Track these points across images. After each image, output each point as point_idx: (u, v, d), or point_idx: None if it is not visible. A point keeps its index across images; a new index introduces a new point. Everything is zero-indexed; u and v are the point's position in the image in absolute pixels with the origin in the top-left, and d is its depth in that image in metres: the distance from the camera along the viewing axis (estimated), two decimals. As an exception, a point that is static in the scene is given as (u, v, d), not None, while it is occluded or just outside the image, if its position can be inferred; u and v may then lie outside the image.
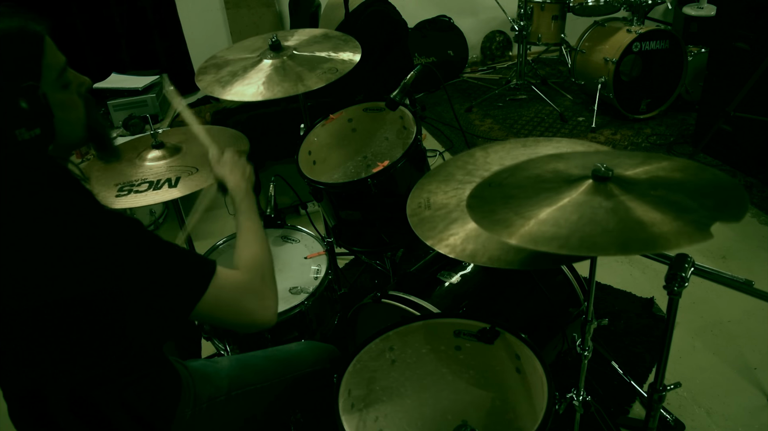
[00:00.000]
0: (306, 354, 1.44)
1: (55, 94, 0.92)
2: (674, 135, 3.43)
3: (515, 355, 1.29)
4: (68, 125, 0.95)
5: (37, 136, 0.89)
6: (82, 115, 0.98)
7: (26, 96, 0.86)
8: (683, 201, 0.97)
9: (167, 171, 1.67)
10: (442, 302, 1.55)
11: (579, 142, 1.48)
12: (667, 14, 4.30)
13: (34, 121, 0.88)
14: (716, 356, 2.00)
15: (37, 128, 0.88)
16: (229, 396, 1.27)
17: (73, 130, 0.97)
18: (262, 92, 1.69)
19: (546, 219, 0.99)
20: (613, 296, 2.29)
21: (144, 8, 4.15)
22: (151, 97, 3.85)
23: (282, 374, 1.37)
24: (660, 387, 1.27)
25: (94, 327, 0.93)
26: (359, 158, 1.95)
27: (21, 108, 0.86)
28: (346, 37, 1.90)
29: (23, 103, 0.86)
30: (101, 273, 0.90)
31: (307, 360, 1.42)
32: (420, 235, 1.26)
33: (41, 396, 1.01)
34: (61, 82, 0.93)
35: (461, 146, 3.52)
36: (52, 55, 0.91)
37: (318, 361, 1.42)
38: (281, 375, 1.37)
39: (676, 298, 1.13)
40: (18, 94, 0.86)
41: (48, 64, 0.90)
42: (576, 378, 1.46)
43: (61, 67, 0.93)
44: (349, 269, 2.58)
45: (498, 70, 4.66)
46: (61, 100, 0.93)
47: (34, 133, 0.88)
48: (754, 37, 2.71)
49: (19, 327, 0.94)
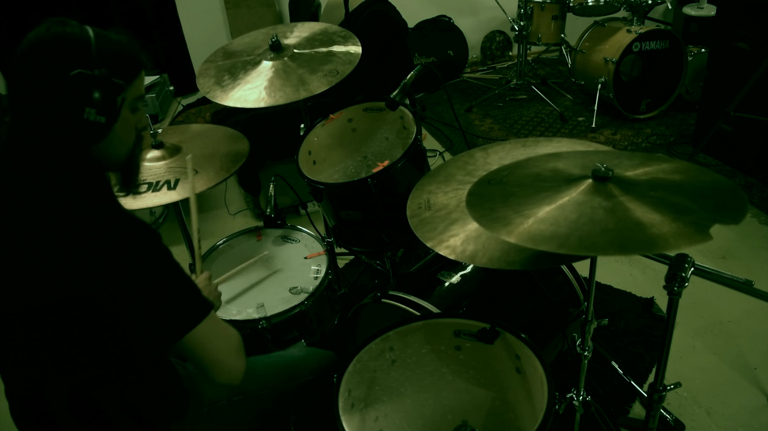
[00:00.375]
0: (307, 362, 1.46)
1: (125, 110, 1.02)
2: (674, 135, 3.43)
3: (515, 355, 1.29)
4: (118, 142, 1.04)
5: (99, 123, 0.97)
6: (131, 143, 1.08)
7: (111, 89, 0.97)
8: (683, 202, 0.97)
9: (166, 172, 1.67)
10: (442, 302, 1.55)
11: (579, 141, 1.48)
12: (667, 14, 4.30)
13: (103, 111, 0.97)
14: (716, 356, 2.00)
15: (103, 117, 0.97)
16: (230, 401, 1.28)
17: (118, 148, 1.05)
18: (264, 98, 1.69)
19: (545, 218, 0.99)
20: (613, 296, 2.29)
21: (144, 8, 4.15)
22: (151, 97, 3.85)
23: (284, 381, 1.38)
24: (660, 387, 1.27)
25: (94, 327, 0.94)
26: (359, 158, 1.95)
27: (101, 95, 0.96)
28: (345, 33, 1.90)
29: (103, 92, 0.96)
30: (104, 274, 0.91)
31: (309, 368, 1.43)
32: (420, 237, 1.26)
33: (41, 395, 1.01)
34: (133, 105, 1.05)
35: (461, 146, 3.52)
36: (140, 83, 1.05)
37: (319, 368, 1.43)
38: (283, 382, 1.38)
39: (676, 298, 1.13)
40: (110, 84, 0.97)
41: (136, 85, 1.03)
42: (576, 378, 1.46)
43: (141, 95, 1.06)
44: (349, 269, 2.58)
45: (498, 70, 4.66)
46: (126, 117, 1.03)
47: (100, 119, 0.97)
48: (754, 37, 2.71)
49: (20, 327, 0.95)
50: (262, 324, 1.64)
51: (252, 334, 1.66)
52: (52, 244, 0.92)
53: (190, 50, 4.33)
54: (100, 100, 0.96)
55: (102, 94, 0.96)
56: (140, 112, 1.08)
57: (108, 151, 1.03)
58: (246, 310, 1.69)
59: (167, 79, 4.20)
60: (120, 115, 1.00)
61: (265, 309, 1.68)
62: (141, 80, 1.05)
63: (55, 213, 0.94)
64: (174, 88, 4.19)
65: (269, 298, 1.73)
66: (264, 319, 1.65)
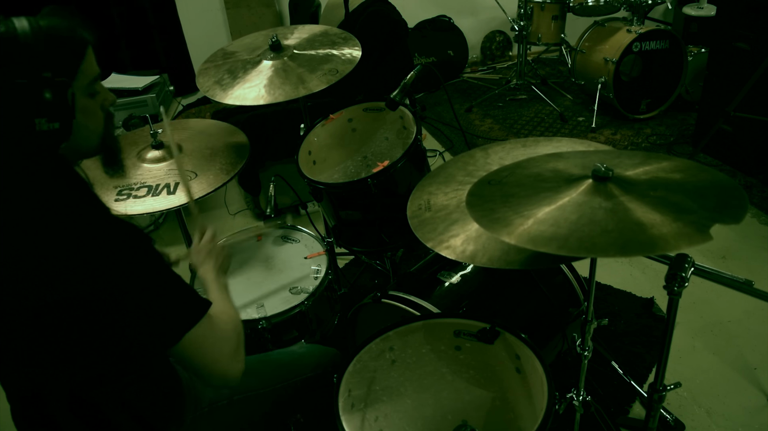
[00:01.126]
0: (307, 358, 1.45)
1: (82, 99, 0.96)
2: (674, 135, 3.43)
3: (515, 355, 1.29)
4: (86, 131, 0.99)
5: (55, 130, 0.92)
6: (101, 127, 1.02)
7: (56, 90, 0.90)
8: (683, 202, 0.97)
9: (166, 175, 1.66)
10: (442, 302, 1.55)
11: (579, 141, 1.48)
12: (667, 14, 4.30)
13: (55, 115, 0.91)
14: (716, 356, 2.00)
15: (56, 122, 0.92)
16: (231, 401, 1.28)
17: (88, 138, 1.00)
18: (264, 96, 1.69)
19: (545, 218, 0.99)
20: (613, 296, 2.29)
21: (144, 8, 4.15)
22: (151, 97, 3.84)
23: (284, 379, 1.38)
24: (660, 387, 1.27)
25: (93, 327, 0.94)
26: (359, 158, 1.95)
27: (46, 99, 0.89)
28: (345, 34, 1.90)
29: (49, 95, 0.89)
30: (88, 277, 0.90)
31: (309, 365, 1.43)
32: (420, 237, 1.26)
33: (41, 396, 1.01)
34: (89, 90, 0.98)
35: (461, 146, 3.52)
36: (90, 63, 0.97)
37: (319, 365, 1.43)
38: (283, 379, 1.37)
39: (676, 298, 1.13)
40: (49, 86, 0.90)
41: (84, 69, 0.95)
42: (576, 378, 1.46)
43: (94, 76, 0.98)
44: (349, 269, 2.58)
45: (498, 70, 4.66)
46: (85, 106, 0.97)
47: (53, 126, 0.91)
48: (754, 37, 2.71)
49: (19, 327, 0.94)
50: (262, 324, 1.64)
51: (252, 334, 1.66)
52: (37, 248, 0.89)
53: (190, 50, 4.33)
54: (48, 106, 0.89)
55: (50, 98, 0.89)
56: (100, 93, 1.00)
57: (78, 144, 0.98)
58: (246, 310, 1.69)
59: (167, 79, 4.19)
60: (76, 108, 0.94)
61: (265, 309, 1.68)
62: (89, 60, 0.96)
63: (35, 218, 0.91)
64: (174, 88, 4.19)
65: (269, 298, 1.73)
66: (264, 319, 1.65)
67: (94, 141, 1.02)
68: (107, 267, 0.91)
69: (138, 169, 1.68)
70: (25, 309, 0.92)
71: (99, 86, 1.00)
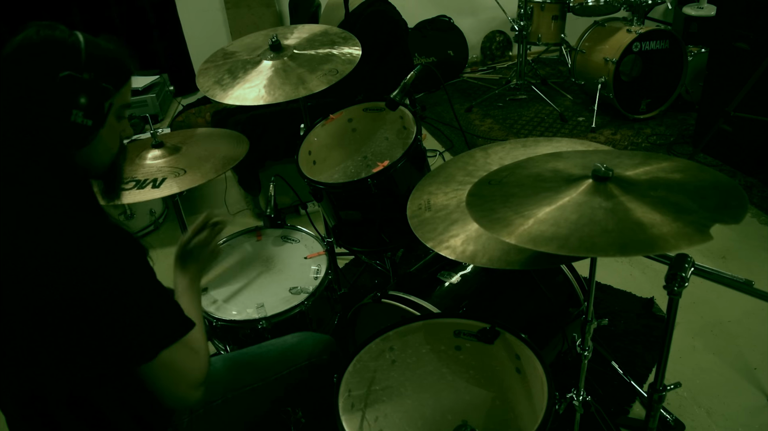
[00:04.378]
0: (302, 347, 1.43)
1: (112, 117, 1.03)
2: (674, 135, 3.43)
3: (515, 355, 1.29)
4: (103, 148, 1.04)
5: (86, 126, 0.98)
6: (115, 151, 1.08)
7: (99, 93, 0.98)
8: (683, 202, 0.97)
9: (157, 171, 1.67)
10: (442, 302, 1.55)
11: (579, 141, 1.48)
12: (667, 14, 4.30)
13: (91, 114, 0.98)
14: (716, 356, 2.00)
15: (90, 120, 0.98)
16: (225, 399, 1.27)
17: (102, 156, 1.06)
18: (264, 96, 1.69)
19: (545, 218, 0.99)
20: (613, 296, 2.29)
21: (144, 8, 4.15)
22: (151, 97, 3.84)
23: (278, 370, 1.37)
24: (660, 387, 1.27)
25: (93, 327, 0.94)
26: (359, 158, 1.95)
27: (89, 98, 0.97)
28: (345, 34, 1.90)
29: (92, 95, 0.97)
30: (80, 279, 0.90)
31: (303, 354, 1.41)
32: (420, 237, 1.26)
33: (41, 396, 1.01)
34: (120, 113, 1.05)
35: (461, 146, 3.52)
36: (128, 90, 1.06)
37: (314, 354, 1.41)
38: (277, 371, 1.36)
39: (676, 298, 1.13)
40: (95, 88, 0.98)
41: (123, 92, 1.04)
42: (576, 378, 1.46)
43: (127, 103, 1.06)
44: (349, 269, 2.58)
45: (498, 70, 4.66)
46: (111, 125, 1.03)
47: (87, 122, 0.98)
48: (754, 37, 2.71)
49: (20, 327, 0.94)
50: (262, 325, 1.64)
51: (252, 334, 1.66)
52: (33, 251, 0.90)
53: (190, 50, 4.33)
54: (88, 104, 0.96)
55: (90, 97, 0.96)
56: (125, 121, 1.08)
57: (92, 157, 1.03)
58: (246, 310, 1.69)
59: (167, 79, 4.20)
60: (106, 120, 1.01)
61: (265, 310, 1.68)
62: (128, 88, 1.06)
63: (38, 218, 0.92)
64: (174, 88, 4.19)
65: (269, 298, 1.73)
66: (264, 319, 1.65)
67: (106, 161, 1.07)
68: (96, 272, 0.91)
69: (133, 165, 1.69)
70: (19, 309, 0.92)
71: (126, 116, 1.09)
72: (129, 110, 1.10)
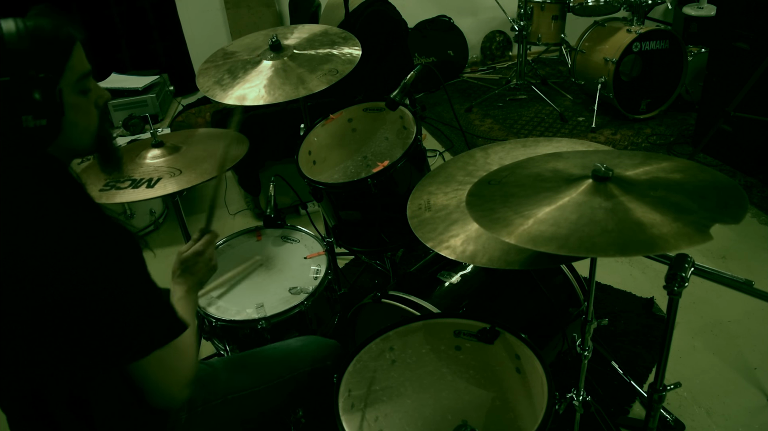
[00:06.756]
0: (305, 352, 1.43)
1: (72, 96, 0.95)
2: (674, 135, 3.43)
3: (515, 355, 1.29)
4: (77, 130, 0.97)
5: (42, 127, 0.91)
6: (94, 125, 1.01)
7: (42, 86, 0.90)
8: (683, 202, 0.97)
9: (154, 171, 1.67)
10: (442, 302, 1.55)
11: (579, 141, 1.48)
12: (667, 14, 4.30)
13: (42, 112, 0.90)
14: (716, 356, 2.00)
15: (43, 119, 0.91)
16: (225, 400, 1.27)
17: (81, 136, 0.99)
18: (264, 96, 1.69)
19: (545, 218, 0.99)
20: (613, 296, 2.29)
21: (144, 8, 4.16)
22: (151, 97, 3.84)
23: (280, 374, 1.36)
24: (660, 387, 1.27)
25: (93, 327, 0.93)
26: (359, 158, 1.95)
27: (32, 97, 0.89)
28: (345, 34, 1.90)
29: (37, 94, 0.89)
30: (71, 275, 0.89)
31: (307, 358, 1.41)
32: (420, 237, 1.26)
33: (41, 396, 1.01)
34: (80, 87, 0.96)
35: (461, 146, 3.52)
36: (79, 60, 0.95)
37: (318, 359, 1.41)
38: (279, 375, 1.36)
39: (676, 298, 1.13)
40: (35, 83, 0.89)
41: (72, 66, 0.94)
42: (576, 378, 1.46)
43: (84, 73, 0.97)
44: (349, 269, 2.58)
45: (498, 70, 4.66)
46: (76, 104, 0.96)
47: (40, 123, 0.90)
48: (754, 37, 2.71)
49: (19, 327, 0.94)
50: (261, 325, 1.64)
51: (252, 334, 1.66)
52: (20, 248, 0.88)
53: (190, 50, 4.33)
54: (34, 103, 0.89)
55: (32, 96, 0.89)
56: (93, 91, 0.99)
57: (71, 142, 0.97)
58: (245, 310, 1.69)
59: (167, 79, 4.20)
60: (65, 105, 0.93)
61: (265, 310, 1.68)
62: (78, 57, 0.95)
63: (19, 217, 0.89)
64: (174, 88, 4.20)
65: (269, 298, 1.73)
66: (264, 319, 1.64)
67: (87, 140, 1.00)
68: (88, 267, 0.89)
69: (131, 165, 1.69)
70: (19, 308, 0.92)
71: (91, 83, 0.99)
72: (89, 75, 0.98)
